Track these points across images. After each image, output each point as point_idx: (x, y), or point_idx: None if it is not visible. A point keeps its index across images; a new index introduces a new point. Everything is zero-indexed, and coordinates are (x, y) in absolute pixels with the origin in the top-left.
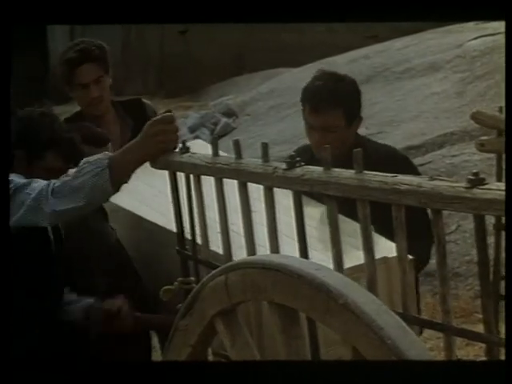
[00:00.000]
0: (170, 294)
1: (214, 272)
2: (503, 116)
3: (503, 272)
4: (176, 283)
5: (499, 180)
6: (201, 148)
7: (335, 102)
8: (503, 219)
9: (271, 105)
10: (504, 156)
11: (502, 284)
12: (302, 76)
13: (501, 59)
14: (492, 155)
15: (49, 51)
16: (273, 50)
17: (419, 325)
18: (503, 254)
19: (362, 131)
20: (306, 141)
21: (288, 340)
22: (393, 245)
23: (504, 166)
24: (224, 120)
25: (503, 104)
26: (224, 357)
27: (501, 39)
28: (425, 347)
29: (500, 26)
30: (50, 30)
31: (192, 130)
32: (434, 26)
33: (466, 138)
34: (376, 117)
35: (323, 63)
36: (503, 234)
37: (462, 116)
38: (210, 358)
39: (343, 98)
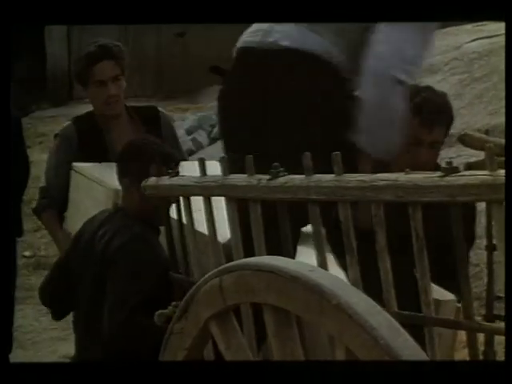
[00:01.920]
0: (164, 317)
1: (208, 275)
2: (490, 138)
3: (497, 293)
4: (170, 307)
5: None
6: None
7: (446, 116)
8: (495, 240)
9: None
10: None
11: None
12: None
13: (498, 61)
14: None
15: (46, 53)
16: None
17: (399, 320)
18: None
19: None
20: None
21: (282, 342)
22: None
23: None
24: None
25: (502, 105)
26: None
27: (498, 41)
28: (418, 347)
29: (497, 27)
30: (48, 32)
31: (189, 132)
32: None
33: None
34: None
35: None
36: (494, 253)
37: (460, 118)
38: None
39: (451, 112)
